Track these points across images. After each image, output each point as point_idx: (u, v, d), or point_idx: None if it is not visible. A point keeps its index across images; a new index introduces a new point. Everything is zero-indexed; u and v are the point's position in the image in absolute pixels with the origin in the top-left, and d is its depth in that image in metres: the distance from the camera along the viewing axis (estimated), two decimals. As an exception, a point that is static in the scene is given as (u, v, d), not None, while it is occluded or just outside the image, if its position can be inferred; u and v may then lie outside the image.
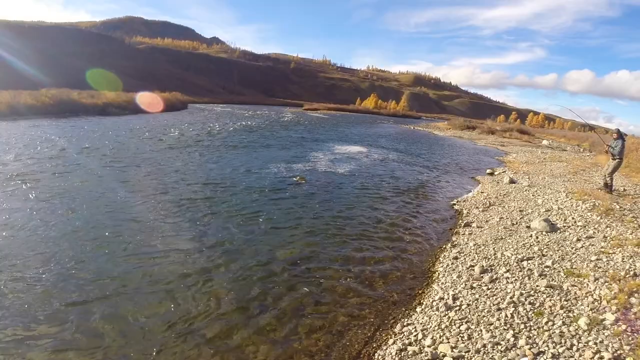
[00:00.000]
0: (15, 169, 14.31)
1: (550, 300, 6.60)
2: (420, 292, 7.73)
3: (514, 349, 5.36)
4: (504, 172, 21.94)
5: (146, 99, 47.66)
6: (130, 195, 12.45)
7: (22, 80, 47.17)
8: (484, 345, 5.48)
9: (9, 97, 33.98)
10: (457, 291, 7.34)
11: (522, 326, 5.89)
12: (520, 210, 12.84)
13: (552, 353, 5.14)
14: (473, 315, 6.39)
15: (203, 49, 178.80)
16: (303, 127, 48.32)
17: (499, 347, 5.42)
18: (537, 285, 7.20)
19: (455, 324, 6.16)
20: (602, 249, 8.79)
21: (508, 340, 5.55)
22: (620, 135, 14.13)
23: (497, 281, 7.64)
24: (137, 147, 21.89)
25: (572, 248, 9.11)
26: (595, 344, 5.23)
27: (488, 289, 7.34)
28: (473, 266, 8.47)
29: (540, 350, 5.25)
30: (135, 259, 8.22)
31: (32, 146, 19.27)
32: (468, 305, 6.76)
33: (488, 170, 22.35)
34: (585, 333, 5.52)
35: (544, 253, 8.92)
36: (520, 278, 7.66)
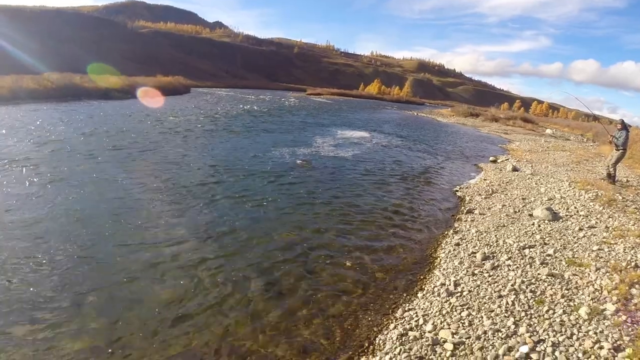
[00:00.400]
0: (17, 153, 14.28)
1: (552, 288, 6.63)
2: (421, 277, 7.75)
3: (514, 336, 5.39)
4: (507, 160, 21.88)
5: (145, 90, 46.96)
6: (132, 179, 12.41)
7: (19, 67, 46.73)
8: (485, 332, 5.51)
9: (10, 81, 33.66)
10: (458, 277, 7.36)
11: (522, 314, 5.91)
12: (523, 198, 12.84)
13: (552, 341, 5.17)
14: (474, 301, 6.42)
15: (206, 34, 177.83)
16: (306, 111, 48.13)
17: (500, 334, 5.45)
18: (539, 274, 7.23)
19: (456, 310, 6.18)
20: (604, 239, 8.81)
21: (509, 327, 5.58)
22: (625, 126, 14.10)
23: (499, 268, 7.67)
24: (139, 131, 21.78)
25: (574, 237, 9.13)
26: (595, 333, 5.26)
27: (489, 276, 7.37)
28: (475, 253, 8.48)
29: (540, 338, 5.28)
30: (137, 243, 8.24)
31: (34, 130, 19.23)
32: (469, 291, 6.79)
33: (491, 158, 22.29)
34: (586, 322, 5.55)
35: (545, 241, 8.94)
36: (522, 266, 7.68)
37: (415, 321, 6.01)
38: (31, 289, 6.24)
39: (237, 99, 59.45)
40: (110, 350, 5.17)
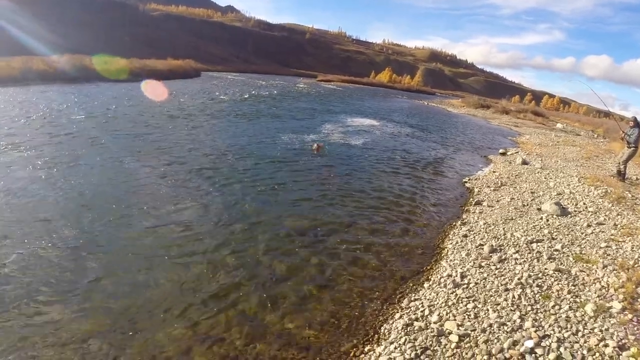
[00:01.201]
0: (26, 135, 14.42)
1: (558, 284, 6.63)
2: (428, 268, 7.77)
3: (519, 330, 5.40)
4: (517, 152, 21.77)
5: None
6: (141, 163, 12.47)
7: (29, 52, 46.56)
8: (490, 325, 5.53)
9: (21, 62, 33.78)
10: (465, 269, 7.37)
11: (528, 308, 5.93)
12: (532, 192, 12.80)
13: (557, 337, 5.19)
14: (480, 294, 6.44)
15: (217, 17, 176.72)
16: (317, 98, 47.93)
17: (505, 327, 5.47)
18: (546, 268, 7.23)
19: (462, 302, 6.21)
20: (612, 237, 8.79)
21: (514, 321, 5.59)
22: (637, 124, 13.97)
23: (506, 261, 7.68)
24: (147, 114, 21.84)
25: (582, 233, 9.11)
26: (601, 331, 5.27)
27: (496, 268, 7.38)
28: (482, 245, 8.49)
29: (545, 333, 5.30)
30: (147, 227, 8.33)
31: (42, 111, 19.35)
32: (476, 283, 6.81)
33: (501, 150, 22.18)
34: (591, 320, 5.55)
35: (553, 236, 8.93)
36: (529, 260, 7.69)
37: (421, 311, 6.03)
38: (42, 272, 6.33)
39: (248, 84, 59.24)
40: (119, 332, 5.25)
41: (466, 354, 5.03)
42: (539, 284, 6.67)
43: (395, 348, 5.21)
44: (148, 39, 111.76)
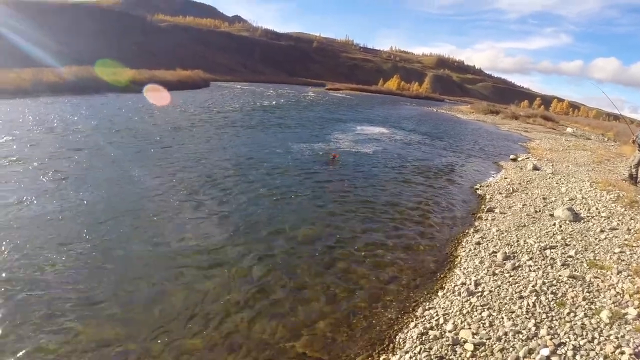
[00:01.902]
0: (37, 147, 14.58)
1: (573, 290, 6.61)
2: (442, 276, 7.78)
3: (535, 338, 5.40)
4: (528, 158, 21.71)
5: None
6: (153, 173, 12.61)
7: (37, 63, 47.01)
8: (505, 333, 5.52)
9: (31, 74, 34.34)
10: (479, 277, 7.38)
11: (543, 316, 5.92)
12: (544, 198, 12.76)
13: (573, 345, 5.17)
14: (495, 302, 6.44)
15: (225, 28, 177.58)
16: (326, 107, 48.05)
17: (520, 335, 5.47)
18: (560, 275, 7.20)
19: (476, 310, 6.21)
20: (626, 242, 8.73)
21: (529, 329, 5.59)
22: (648, 126, 13.92)
23: (520, 269, 7.66)
24: (157, 124, 22.11)
25: (596, 239, 9.06)
26: (617, 338, 5.25)
27: (510, 276, 7.37)
28: (495, 252, 8.48)
29: (561, 341, 5.28)
30: (161, 236, 8.45)
31: (52, 123, 19.64)
32: (490, 291, 6.81)
33: (511, 156, 22.13)
34: (607, 326, 5.53)
35: (567, 242, 8.89)
36: (543, 267, 7.66)
37: (436, 320, 6.05)
38: (60, 283, 6.42)
39: (256, 93, 59.51)
40: (142, 339, 5.31)
41: (482, 362, 5.05)
42: (554, 291, 6.65)
43: (411, 357, 5.23)
44: (156, 50, 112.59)
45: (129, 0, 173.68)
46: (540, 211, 11.42)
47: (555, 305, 6.20)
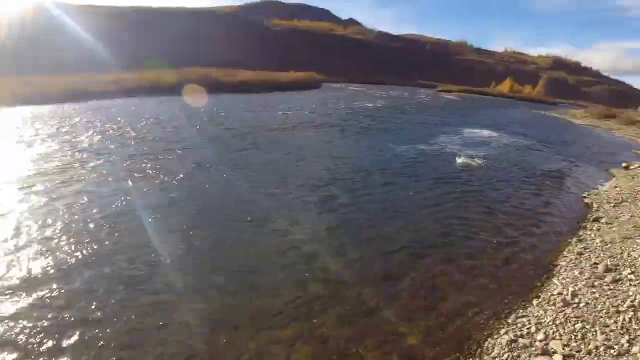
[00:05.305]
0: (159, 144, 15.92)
1: (675, 309, 6.46)
2: (539, 284, 7.84)
3: (626, 355, 5.43)
4: (642, 166, 20.51)
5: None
6: (262, 172, 13.54)
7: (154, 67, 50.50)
8: (597, 347, 5.59)
9: (155, 74, 38.55)
10: (577, 288, 7.37)
11: (639, 332, 5.88)
12: (657, 210, 12.18)
13: (666, 364, 5.15)
14: (590, 314, 6.46)
15: (339, 31, 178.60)
16: (436, 109, 47.14)
17: (612, 351, 5.51)
18: (663, 292, 7.03)
19: (570, 322, 6.28)
20: None
21: (622, 345, 5.61)
22: None
23: (620, 282, 7.53)
24: (269, 124, 23.32)
25: None
26: None
27: (609, 289, 7.29)
28: (597, 264, 8.35)
29: (654, 359, 5.27)
30: (264, 234, 9.32)
31: (167, 122, 21.21)
32: (587, 304, 6.81)
33: (624, 164, 20.91)
34: None
35: (676, 258, 8.56)
36: (646, 282, 7.49)
37: (527, 328, 6.21)
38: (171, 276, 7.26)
39: (366, 95, 59.56)
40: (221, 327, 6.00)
41: (569, 374, 5.15)
42: (654, 308, 6.53)
43: (498, 364, 5.41)
44: (273, 53, 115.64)
45: (248, 5, 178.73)
46: (651, 223, 10.96)
47: (653, 323, 6.11)
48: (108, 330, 5.72)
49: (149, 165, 13.15)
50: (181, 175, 12.07)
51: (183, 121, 20.89)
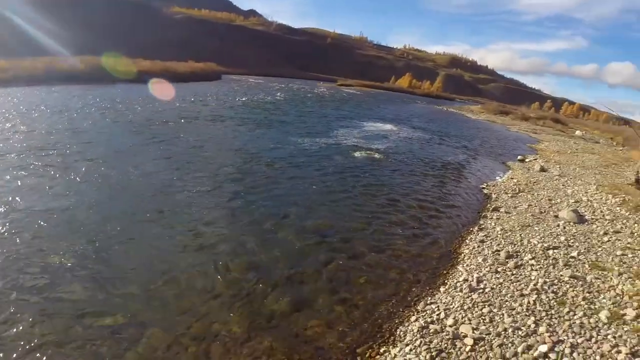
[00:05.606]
0: (47, 138, 14.76)
1: (573, 290, 6.71)
2: (444, 272, 7.87)
3: (534, 335, 5.51)
4: (535, 159, 21.68)
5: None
6: (162, 165, 12.80)
7: (50, 53, 47.41)
8: (505, 329, 5.63)
9: (45, 62, 35.37)
10: (481, 274, 7.48)
11: (543, 314, 6.03)
12: (549, 199, 12.82)
13: (571, 343, 5.28)
14: (496, 299, 6.54)
15: (240, 21, 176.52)
16: (337, 103, 47.75)
17: (520, 332, 5.57)
18: (561, 275, 7.31)
19: (477, 306, 6.32)
20: (629, 245, 8.82)
21: (529, 326, 5.69)
22: (658, 132, 13.93)
23: (522, 267, 7.77)
24: (166, 117, 22.25)
25: (599, 241, 9.16)
26: (614, 337, 5.35)
27: (512, 274, 7.48)
28: (499, 251, 8.58)
29: (559, 339, 5.39)
30: (172, 226, 8.69)
31: (66, 112, 19.95)
32: (492, 288, 6.91)
33: (519, 157, 22.11)
34: (605, 326, 5.63)
35: (570, 243, 8.99)
36: (545, 266, 7.77)
37: (437, 315, 6.15)
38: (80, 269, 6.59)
39: (267, 87, 59.37)
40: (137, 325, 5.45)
41: (481, 357, 5.15)
42: (555, 290, 6.76)
43: (411, 350, 5.34)
44: (171, 42, 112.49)
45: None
46: (545, 212, 11.49)
47: (555, 304, 6.30)
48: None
49: (39, 163, 11.72)
50: (72, 174, 11.05)
51: (74, 112, 19.47)
